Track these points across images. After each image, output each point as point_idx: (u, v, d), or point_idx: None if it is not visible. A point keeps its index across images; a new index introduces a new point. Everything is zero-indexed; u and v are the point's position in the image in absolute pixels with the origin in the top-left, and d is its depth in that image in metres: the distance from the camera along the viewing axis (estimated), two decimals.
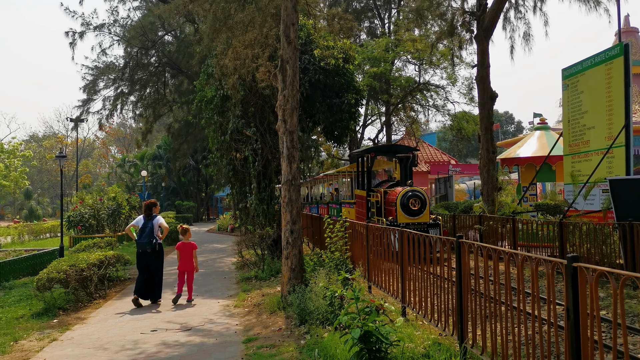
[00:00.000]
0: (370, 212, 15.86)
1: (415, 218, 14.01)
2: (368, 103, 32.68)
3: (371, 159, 16.26)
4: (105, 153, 79.56)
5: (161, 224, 10.59)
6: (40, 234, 31.94)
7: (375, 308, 5.25)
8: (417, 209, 13.99)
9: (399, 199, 14.06)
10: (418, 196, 14.10)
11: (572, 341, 3.81)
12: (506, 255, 4.80)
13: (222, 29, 11.31)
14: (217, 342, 7.44)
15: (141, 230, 10.43)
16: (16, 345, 7.78)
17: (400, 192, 14.15)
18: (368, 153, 16.35)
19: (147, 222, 10.50)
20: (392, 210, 14.34)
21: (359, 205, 17.41)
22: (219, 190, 50.77)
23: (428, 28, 25.17)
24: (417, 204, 14.01)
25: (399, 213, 13.96)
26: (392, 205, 14.38)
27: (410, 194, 14.07)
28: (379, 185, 17.05)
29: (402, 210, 13.95)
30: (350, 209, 19.17)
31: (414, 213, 13.98)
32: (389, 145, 20.59)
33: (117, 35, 29.85)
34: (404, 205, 13.96)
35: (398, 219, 13.83)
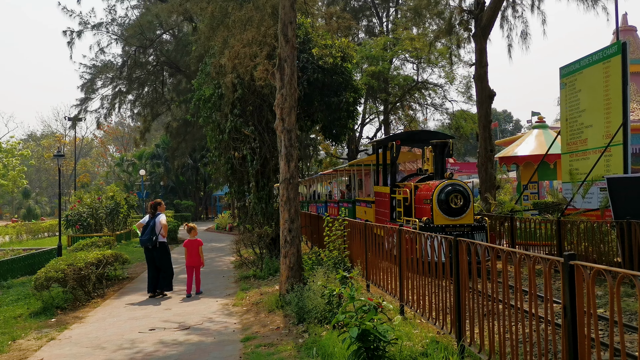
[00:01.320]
0: (394, 212, 13.48)
1: (457, 219, 11.47)
2: (366, 102, 32.72)
3: (396, 148, 13.56)
4: (103, 152, 79.49)
5: (160, 222, 11.15)
6: (39, 233, 31.89)
7: (374, 306, 5.25)
8: (459, 207, 11.45)
9: (435, 194, 11.50)
10: (460, 191, 11.53)
11: (569, 339, 3.82)
12: (504, 254, 4.81)
13: (219, 28, 11.31)
14: (216, 341, 7.44)
15: (144, 228, 11.16)
16: (14, 345, 7.77)
17: (438, 186, 11.56)
18: (392, 141, 13.76)
19: (150, 220, 11.18)
20: (425, 209, 11.87)
21: (379, 204, 14.97)
22: (217, 189, 50.75)
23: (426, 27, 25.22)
24: (460, 200, 11.45)
25: (435, 212, 11.44)
26: (426, 202, 11.89)
27: (449, 188, 11.48)
28: (405, 180, 14.48)
29: (440, 208, 11.45)
30: (367, 209, 16.56)
31: (454, 212, 11.46)
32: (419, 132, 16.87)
33: (115, 34, 29.84)
34: (442, 203, 11.45)
35: (434, 220, 11.35)
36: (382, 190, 14.53)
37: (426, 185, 12.29)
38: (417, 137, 15.23)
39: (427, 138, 13.85)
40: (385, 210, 14.07)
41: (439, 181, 11.84)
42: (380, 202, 14.80)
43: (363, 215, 16.68)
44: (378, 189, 15.21)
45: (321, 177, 28.40)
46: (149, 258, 11.17)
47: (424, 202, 12.02)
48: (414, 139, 15.21)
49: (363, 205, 17.37)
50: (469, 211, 11.57)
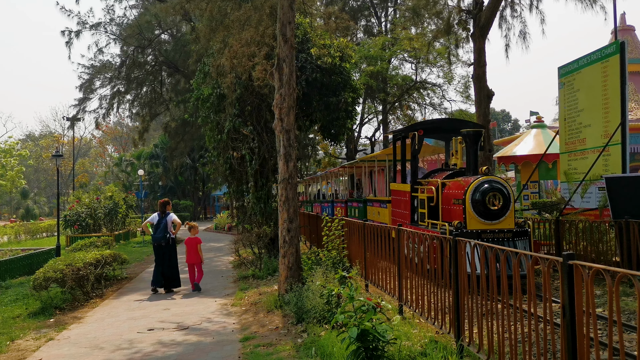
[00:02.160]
0: (416, 213, 11.85)
1: (494, 223, 9.71)
2: (365, 101, 32.73)
3: (418, 139, 11.71)
4: (102, 152, 79.38)
5: (174, 220, 11.84)
6: (37, 233, 31.87)
7: (372, 306, 5.25)
8: (497, 208, 9.69)
9: (469, 193, 9.72)
10: (499, 189, 9.72)
11: (568, 339, 3.82)
12: (503, 253, 4.81)
13: (218, 28, 11.31)
14: (214, 341, 7.44)
15: (156, 226, 11.66)
16: (13, 345, 7.76)
17: (472, 184, 9.79)
18: (414, 131, 11.86)
19: (162, 219, 11.71)
20: (455, 211, 10.15)
21: (397, 204, 13.23)
22: (216, 189, 50.72)
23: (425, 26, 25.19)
24: (498, 201, 9.70)
25: (469, 215, 9.69)
26: (456, 203, 10.18)
27: (486, 186, 9.69)
28: (428, 177, 12.53)
29: (475, 210, 9.68)
30: (381, 210, 14.96)
31: (492, 215, 9.69)
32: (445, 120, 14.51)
33: (113, 34, 29.79)
34: (477, 204, 9.69)
35: (468, 224, 9.66)
36: (401, 188, 12.82)
37: (456, 183, 10.49)
38: (443, 126, 13.22)
39: (455, 127, 12.04)
40: (405, 211, 12.46)
41: (473, 177, 10.06)
42: (398, 202, 13.07)
43: (376, 216, 15.23)
44: (396, 187, 13.35)
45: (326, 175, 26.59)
46: (159, 254, 11.61)
47: (453, 203, 10.30)
48: (440, 128, 13.11)
49: (376, 206, 15.68)
50: (509, 213, 9.81)
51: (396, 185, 13.39)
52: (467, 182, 10.05)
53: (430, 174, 12.61)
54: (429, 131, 12.51)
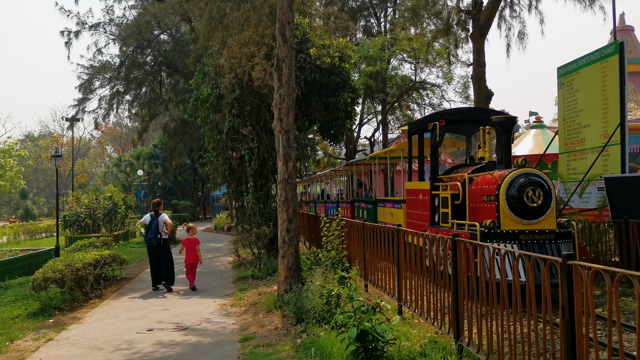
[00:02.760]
0: (437, 213, 10.54)
1: (533, 222, 8.46)
2: (364, 102, 32.75)
3: (440, 130, 10.47)
4: (101, 152, 79.35)
5: (165, 221, 11.94)
6: (36, 233, 31.85)
7: (372, 307, 5.26)
8: (537, 205, 8.40)
9: (504, 188, 8.46)
10: (538, 183, 8.44)
11: (567, 339, 3.82)
12: (502, 254, 4.81)
13: (217, 28, 11.30)
14: (214, 341, 7.43)
15: (148, 227, 11.80)
16: (12, 345, 7.76)
17: (507, 177, 8.53)
18: (434, 121, 10.64)
19: (154, 220, 11.83)
20: (486, 209, 8.93)
21: (413, 204, 11.92)
22: (215, 189, 50.73)
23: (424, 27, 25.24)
24: (538, 196, 8.37)
25: (503, 213, 8.45)
26: (487, 200, 8.93)
27: (523, 179, 8.43)
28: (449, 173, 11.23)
29: (510, 208, 8.42)
30: (394, 210, 13.61)
31: (531, 213, 8.43)
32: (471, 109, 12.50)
33: (112, 35, 29.79)
34: (513, 200, 8.40)
35: (502, 224, 8.45)
36: (419, 186, 11.58)
37: (487, 177, 9.22)
38: (468, 115, 11.58)
39: (480, 117, 10.80)
40: (423, 212, 11.15)
41: (507, 170, 8.82)
42: (415, 202, 11.77)
43: (389, 218, 13.94)
44: (412, 185, 12.16)
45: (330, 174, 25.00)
46: (152, 255, 11.85)
47: (483, 200, 9.06)
48: (464, 118, 11.49)
49: (389, 206, 14.27)
50: (550, 212, 8.50)
51: (413, 183, 12.24)
52: (500, 176, 8.73)
53: (453, 170, 11.35)
54: (451, 122, 11.04)
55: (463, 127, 12.08)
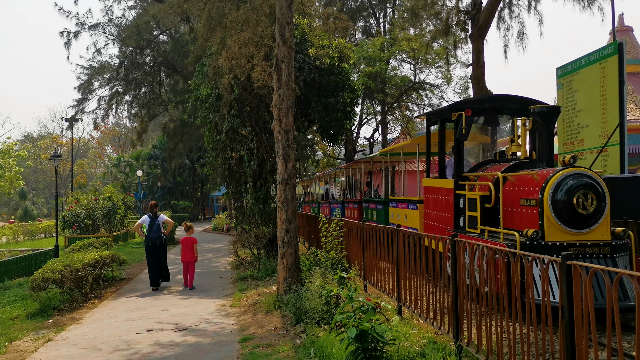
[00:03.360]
0: (462, 216, 9.03)
1: (584, 232, 7.11)
2: (363, 102, 32.73)
3: (466, 121, 8.85)
4: (100, 153, 79.33)
5: (166, 220, 12.55)
6: (35, 234, 31.84)
7: (372, 307, 5.26)
8: (589, 212, 7.03)
9: (549, 191, 7.06)
10: (591, 185, 7.06)
11: (566, 339, 3.82)
12: (501, 254, 4.81)
13: (216, 29, 11.31)
14: (213, 341, 7.43)
15: (149, 227, 12.22)
16: (11, 346, 7.75)
17: (553, 178, 7.11)
18: (459, 110, 9.05)
19: (154, 220, 12.28)
20: (526, 216, 7.53)
21: (433, 204, 10.44)
22: (214, 189, 50.70)
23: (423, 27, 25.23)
24: (591, 202, 7.02)
25: (548, 221, 7.06)
26: (526, 204, 7.55)
27: (572, 181, 7.04)
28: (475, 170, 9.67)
29: (557, 214, 7.03)
30: (408, 212, 12.37)
31: (582, 221, 7.05)
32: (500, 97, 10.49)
33: (112, 35, 29.77)
34: (560, 205, 7.02)
35: (546, 234, 7.05)
36: (440, 184, 10.06)
37: (526, 177, 7.79)
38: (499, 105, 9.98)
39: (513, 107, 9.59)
40: (445, 213, 9.72)
41: (552, 170, 7.37)
42: (435, 202, 10.31)
43: (402, 220, 12.68)
44: (432, 183, 10.58)
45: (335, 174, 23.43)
46: (152, 254, 12.14)
47: (522, 204, 7.69)
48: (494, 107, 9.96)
49: (402, 207, 12.93)
50: (604, 219, 7.14)
51: (433, 180, 10.57)
52: (544, 176, 7.32)
53: (478, 167, 9.80)
54: (478, 112, 9.63)
55: (492, 117, 10.59)
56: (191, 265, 12.40)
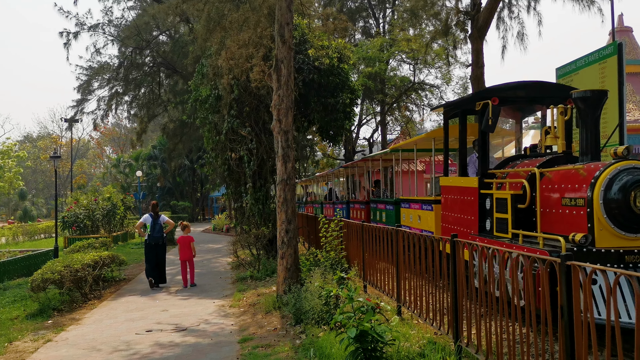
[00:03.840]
0: (489, 218, 7.86)
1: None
2: (363, 102, 32.77)
3: (493, 111, 7.76)
4: (100, 153, 79.33)
5: (167, 221, 12.80)
6: (35, 234, 31.83)
7: (371, 307, 5.25)
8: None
9: (599, 189, 6.08)
10: None
11: (566, 339, 3.82)
12: (501, 254, 4.81)
13: (216, 29, 11.30)
14: (213, 342, 7.43)
15: (152, 227, 12.41)
16: (10, 346, 7.75)
17: (604, 173, 6.12)
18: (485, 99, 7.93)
19: (157, 220, 12.49)
20: (570, 217, 6.48)
21: (452, 205, 9.24)
22: (214, 190, 50.76)
23: (423, 28, 25.25)
24: None
25: (599, 224, 6.04)
26: (571, 204, 6.49)
27: (627, 177, 6.06)
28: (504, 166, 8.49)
29: (610, 216, 6.02)
30: (422, 213, 11.32)
31: (639, 224, 6.06)
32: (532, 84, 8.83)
33: (111, 35, 29.79)
34: (615, 205, 6.01)
35: (597, 239, 6.03)
36: (461, 183, 8.93)
37: (569, 172, 6.72)
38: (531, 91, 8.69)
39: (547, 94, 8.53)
40: (468, 216, 8.58)
41: (603, 164, 6.34)
42: (455, 203, 9.12)
43: (415, 222, 11.76)
44: (451, 182, 9.42)
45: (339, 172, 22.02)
46: (153, 253, 12.32)
47: (564, 204, 6.62)
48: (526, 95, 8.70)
49: (415, 207, 11.92)
50: None
51: (451, 179, 9.53)
52: (592, 171, 6.28)
53: (507, 162, 8.64)
54: (507, 100, 8.43)
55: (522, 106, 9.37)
56: (190, 262, 12.58)
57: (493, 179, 8.07)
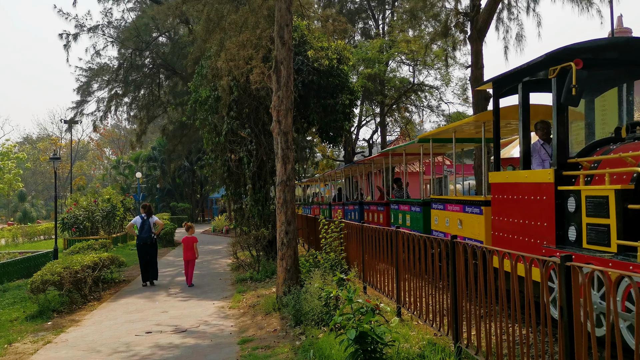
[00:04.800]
0: (572, 225, 5.94)
1: None
2: (362, 104, 32.78)
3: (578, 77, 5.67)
4: (99, 155, 79.32)
5: (157, 222, 13.29)
6: (34, 236, 31.83)
7: (371, 308, 5.25)
8: None
9: None
10: None
11: (566, 340, 3.82)
12: (500, 255, 4.81)
13: (215, 30, 11.31)
14: (212, 343, 7.43)
15: (141, 227, 12.90)
16: (10, 348, 7.74)
17: None
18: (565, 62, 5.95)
19: (146, 220, 12.98)
20: None
21: (508, 208, 7.25)
22: (214, 191, 50.72)
23: (422, 29, 25.29)
24: None
25: None
26: None
27: None
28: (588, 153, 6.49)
29: None
30: (466, 217, 9.10)
31: None
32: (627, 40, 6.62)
33: (111, 37, 29.80)
34: None
35: None
36: (524, 178, 6.85)
37: None
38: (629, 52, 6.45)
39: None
40: (536, 221, 6.49)
41: None
42: (514, 205, 7.05)
43: (453, 227, 9.58)
44: (507, 178, 7.45)
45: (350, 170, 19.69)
46: (143, 252, 12.87)
47: None
48: (620, 57, 6.49)
49: (453, 209, 9.72)
50: None
51: (507, 174, 7.74)
52: None
53: (593, 147, 6.53)
54: (595, 64, 6.38)
55: (611, 73, 7.20)
56: (191, 263, 12.91)
57: (577, 171, 6.14)
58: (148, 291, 12.08)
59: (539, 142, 7.43)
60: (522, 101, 7.06)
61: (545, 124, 7.44)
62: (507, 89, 7.59)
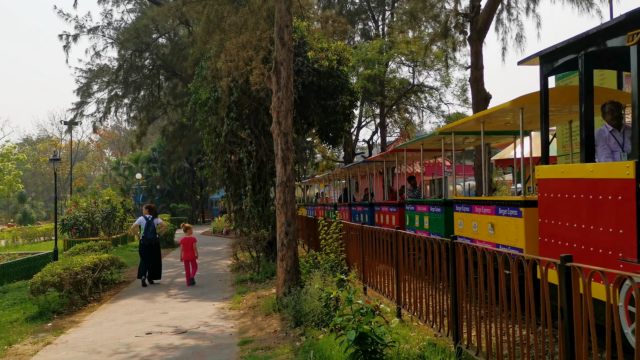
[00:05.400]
0: None
1: None
2: (362, 105, 32.80)
3: None
4: (99, 156, 79.32)
5: (161, 223, 13.60)
6: (34, 237, 31.82)
7: (371, 309, 5.25)
8: None
9: None
10: None
11: (566, 341, 3.82)
12: (500, 256, 4.81)
13: (215, 31, 11.31)
14: (212, 344, 7.42)
15: (146, 228, 13.10)
16: (10, 349, 7.74)
17: None
18: None
19: (151, 222, 13.21)
20: None
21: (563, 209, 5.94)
22: (213, 192, 50.71)
23: (422, 30, 25.29)
24: None
25: None
26: None
27: None
28: None
29: None
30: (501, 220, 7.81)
31: None
32: None
33: (110, 38, 29.81)
34: None
35: None
36: (587, 173, 5.57)
37: None
38: None
39: None
40: (606, 227, 5.24)
41: None
42: (574, 205, 5.78)
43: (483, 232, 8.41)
44: (563, 173, 6.07)
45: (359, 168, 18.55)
46: (147, 253, 13.02)
47: None
48: None
49: (483, 212, 8.45)
50: None
51: (562, 168, 6.30)
52: None
53: None
54: None
55: None
56: (193, 262, 13.13)
57: None
58: (148, 292, 12.08)
59: (607, 129, 6.27)
60: (585, 77, 5.77)
61: (616, 105, 6.21)
62: (560, 65, 6.22)
